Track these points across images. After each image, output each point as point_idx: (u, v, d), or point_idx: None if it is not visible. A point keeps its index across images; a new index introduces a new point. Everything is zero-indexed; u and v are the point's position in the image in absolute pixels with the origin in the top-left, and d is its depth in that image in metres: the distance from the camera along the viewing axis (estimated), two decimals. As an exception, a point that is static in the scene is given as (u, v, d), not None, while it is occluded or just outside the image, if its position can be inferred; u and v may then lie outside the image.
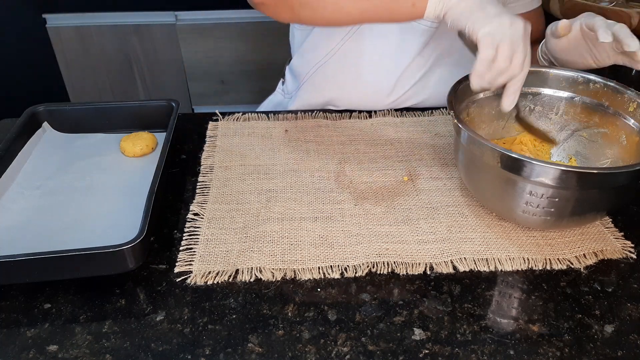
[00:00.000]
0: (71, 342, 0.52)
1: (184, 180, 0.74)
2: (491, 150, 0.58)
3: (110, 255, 0.54)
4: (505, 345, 0.52)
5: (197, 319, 0.55)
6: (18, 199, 0.68)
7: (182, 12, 1.80)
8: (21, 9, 1.77)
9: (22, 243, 0.61)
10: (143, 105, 0.83)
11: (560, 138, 0.75)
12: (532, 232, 0.65)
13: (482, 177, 0.64)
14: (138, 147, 0.77)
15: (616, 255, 0.63)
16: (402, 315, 0.55)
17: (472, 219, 0.67)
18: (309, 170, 0.76)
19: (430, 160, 0.78)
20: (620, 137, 0.69)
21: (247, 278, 0.59)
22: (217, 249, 0.62)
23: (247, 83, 1.97)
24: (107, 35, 1.80)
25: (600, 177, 0.56)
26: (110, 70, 1.89)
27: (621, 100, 0.68)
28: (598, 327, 0.54)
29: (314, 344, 0.52)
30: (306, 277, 0.59)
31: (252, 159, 0.78)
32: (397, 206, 0.69)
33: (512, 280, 0.59)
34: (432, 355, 0.51)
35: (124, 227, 0.62)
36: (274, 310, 0.55)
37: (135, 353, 0.51)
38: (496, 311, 0.56)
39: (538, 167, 0.55)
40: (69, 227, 0.64)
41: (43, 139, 0.79)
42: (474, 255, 0.62)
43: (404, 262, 0.61)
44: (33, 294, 0.57)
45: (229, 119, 0.88)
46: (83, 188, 0.71)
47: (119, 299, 0.57)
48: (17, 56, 1.85)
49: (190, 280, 0.59)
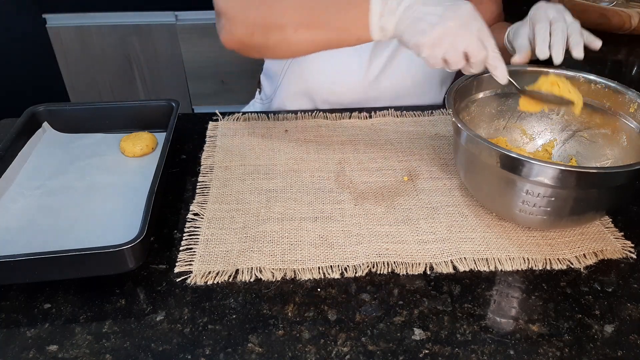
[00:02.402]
0: (71, 342, 0.52)
1: (184, 180, 0.74)
2: (490, 149, 0.58)
3: (110, 255, 0.54)
4: (505, 345, 0.52)
5: (197, 319, 0.55)
6: (18, 199, 0.68)
7: (182, 12, 1.80)
8: (21, 9, 1.77)
9: (22, 243, 0.61)
10: (143, 105, 0.83)
11: (561, 138, 0.75)
12: (532, 232, 0.65)
13: (482, 177, 0.64)
14: (138, 147, 0.77)
15: (616, 255, 0.62)
16: (402, 315, 0.55)
17: (472, 219, 0.67)
18: (309, 170, 0.76)
19: (430, 160, 0.78)
20: (620, 138, 0.69)
21: (247, 278, 0.59)
22: (217, 249, 0.62)
23: (247, 83, 1.96)
24: (107, 35, 1.80)
25: (598, 177, 0.56)
26: (110, 70, 1.89)
27: (622, 101, 0.68)
28: (598, 327, 0.54)
29: (314, 344, 0.52)
30: (306, 277, 0.59)
31: (252, 159, 0.78)
32: (397, 206, 0.69)
33: (512, 280, 0.59)
34: (432, 355, 0.51)
35: (124, 227, 0.62)
36: (274, 310, 0.55)
37: (135, 353, 0.51)
38: (496, 311, 0.56)
39: (537, 166, 0.55)
40: (69, 227, 0.64)
41: (43, 139, 0.79)
42: (474, 255, 0.62)
43: (404, 262, 0.61)
44: (33, 294, 0.57)
45: (229, 119, 0.88)
46: (83, 188, 0.71)
47: (119, 299, 0.57)
48: (17, 56, 1.85)
49: (190, 280, 0.59)
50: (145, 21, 1.79)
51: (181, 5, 1.79)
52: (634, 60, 0.99)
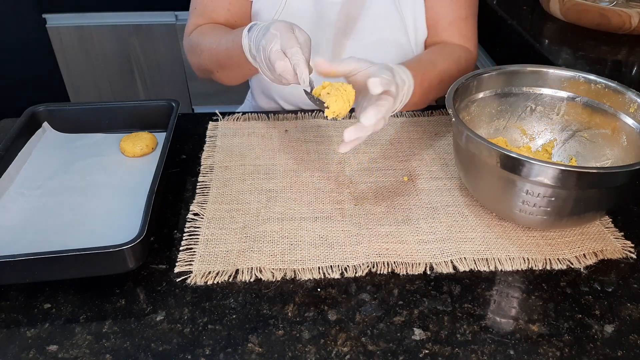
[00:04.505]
0: (71, 342, 0.52)
1: (184, 180, 0.74)
2: (490, 149, 0.58)
3: (110, 255, 0.54)
4: (505, 345, 0.52)
5: (197, 319, 0.55)
6: (18, 199, 0.68)
7: (182, 12, 1.80)
8: (21, 9, 1.77)
9: (22, 243, 0.61)
10: (143, 105, 0.83)
11: (561, 138, 0.75)
12: (532, 232, 0.65)
13: (482, 177, 0.64)
14: (138, 147, 0.77)
15: (616, 255, 0.62)
16: (402, 315, 0.55)
17: (472, 219, 0.67)
18: (309, 170, 0.76)
19: (430, 160, 0.78)
20: (620, 138, 0.69)
21: (247, 278, 0.59)
22: (217, 249, 0.62)
23: (247, 83, 1.96)
24: (107, 35, 1.80)
25: (598, 177, 0.56)
26: (110, 70, 1.89)
27: (622, 101, 0.68)
28: (598, 327, 0.54)
29: (314, 344, 0.52)
30: (306, 277, 0.59)
31: (252, 159, 0.78)
32: (397, 206, 0.69)
33: (512, 280, 0.59)
34: (432, 355, 0.51)
35: (124, 227, 0.62)
36: (274, 310, 0.55)
37: (135, 353, 0.51)
38: (496, 311, 0.56)
39: (537, 166, 0.55)
40: (69, 227, 0.64)
41: (43, 139, 0.79)
42: (474, 255, 0.62)
43: (404, 262, 0.61)
44: (33, 294, 0.57)
45: (229, 119, 0.88)
46: (83, 188, 0.71)
47: (119, 299, 0.57)
48: (17, 56, 1.85)
49: (190, 280, 0.59)
50: (145, 21, 1.79)
51: (181, 5, 1.79)
52: (634, 60, 0.99)
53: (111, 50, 1.84)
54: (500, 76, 0.74)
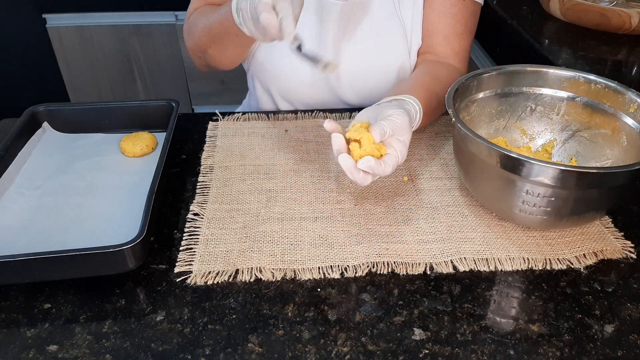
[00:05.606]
0: (71, 342, 0.52)
1: (184, 180, 0.74)
2: (490, 149, 0.58)
3: (110, 255, 0.54)
4: (505, 345, 0.52)
5: (197, 319, 0.55)
6: (18, 199, 0.68)
7: (182, 12, 1.80)
8: (21, 9, 1.77)
9: (22, 243, 0.61)
10: (143, 105, 0.83)
11: (561, 138, 0.75)
12: (532, 232, 0.65)
13: (482, 177, 0.64)
14: (138, 147, 0.77)
15: (616, 255, 0.63)
16: (402, 315, 0.55)
17: (472, 219, 0.67)
18: (309, 170, 0.76)
19: (430, 160, 0.78)
20: (620, 138, 0.69)
21: (247, 278, 0.59)
22: (217, 249, 0.62)
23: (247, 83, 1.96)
24: (107, 35, 1.80)
25: (598, 177, 0.56)
26: (110, 70, 1.89)
27: (622, 101, 0.68)
28: (598, 327, 0.54)
29: (314, 344, 0.52)
30: (306, 277, 0.59)
31: (252, 159, 0.78)
32: (397, 206, 0.69)
33: (512, 280, 0.59)
34: (432, 355, 0.51)
35: (124, 227, 0.62)
36: (274, 310, 0.55)
37: (135, 353, 0.51)
38: (496, 311, 0.56)
39: (537, 166, 0.55)
40: (69, 227, 0.64)
41: (43, 139, 0.79)
42: (474, 255, 0.62)
43: (404, 262, 0.61)
44: (33, 294, 0.57)
45: (229, 119, 0.88)
46: (83, 188, 0.71)
47: (119, 299, 0.57)
48: (17, 56, 1.85)
49: (190, 280, 0.59)
50: (145, 21, 1.79)
51: (181, 5, 1.78)
52: (634, 60, 0.99)
53: (111, 50, 1.84)
54: (500, 76, 0.74)
